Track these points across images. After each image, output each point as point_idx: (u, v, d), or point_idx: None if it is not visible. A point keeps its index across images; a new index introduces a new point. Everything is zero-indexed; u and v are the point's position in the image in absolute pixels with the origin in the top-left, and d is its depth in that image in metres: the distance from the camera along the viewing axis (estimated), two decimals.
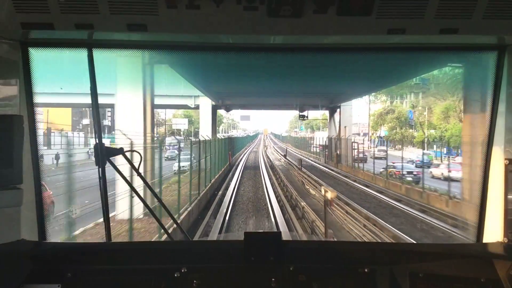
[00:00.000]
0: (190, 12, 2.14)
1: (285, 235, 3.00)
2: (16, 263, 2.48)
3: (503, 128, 2.70)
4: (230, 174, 35.81)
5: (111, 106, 26.93)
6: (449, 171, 23.11)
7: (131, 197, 9.50)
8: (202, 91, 33.17)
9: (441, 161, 30.10)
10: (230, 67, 20.47)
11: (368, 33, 2.37)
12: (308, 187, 25.26)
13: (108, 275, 2.61)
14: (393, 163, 30.43)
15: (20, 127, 2.51)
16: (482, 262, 2.62)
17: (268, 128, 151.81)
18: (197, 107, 38.63)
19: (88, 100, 2.67)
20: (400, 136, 41.62)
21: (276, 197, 23.49)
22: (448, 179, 21.60)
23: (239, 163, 46.52)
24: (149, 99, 18.56)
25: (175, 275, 2.51)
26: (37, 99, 2.62)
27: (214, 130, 41.71)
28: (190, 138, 38.25)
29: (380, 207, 21.86)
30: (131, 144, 11.11)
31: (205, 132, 33.22)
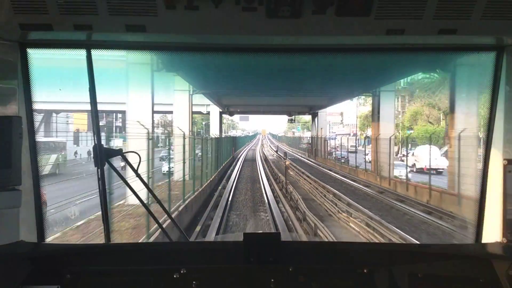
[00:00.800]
0: (188, 13, 2.13)
1: (284, 236, 2.96)
2: (15, 264, 2.44)
3: (501, 129, 2.64)
4: (234, 163, 46.91)
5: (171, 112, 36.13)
6: (371, 157, 34.49)
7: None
8: (209, 98, 36.57)
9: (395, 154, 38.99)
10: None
11: (367, 34, 2.33)
12: (290, 171, 34.32)
13: (107, 276, 2.55)
14: (336, 152, 48.10)
15: (19, 128, 2.46)
16: (481, 262, 2.55)
17: (266, 129, 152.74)
18: (208, 113, 49.56)
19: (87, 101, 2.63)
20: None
21: (265, 175, 34.65)
22: (366, 161, 34.47)
23: (240, 157, 57.37)
24: (190, 108, 29.69)
25: (174, 276, 2.49)
26: (36, 100, 2.56)
27: (221, 131, 53.16)
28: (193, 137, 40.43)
29: (330, 179, 31.47)
30: (183, 135, 17.04)
31: (213, 132, 44.64)
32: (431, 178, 21.08)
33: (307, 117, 67.35)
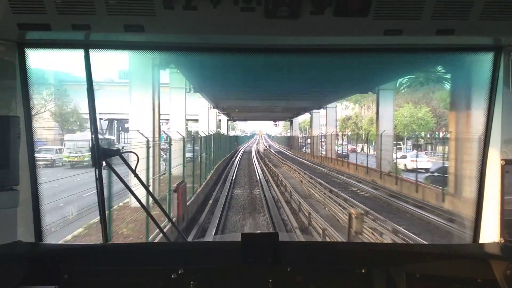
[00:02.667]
0: (187, 13, 2.06)
1: (282, 236, 2.93)
2: (13, 264, 2.27)
3: (499, 129, 2.48)
4: (236, 154, 60.50)
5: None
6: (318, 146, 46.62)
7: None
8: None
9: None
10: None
11: (365, 34, 2.24)
12: (270, 156, 51.63)
13: (105, 276, 2.36)
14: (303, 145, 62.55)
15: (16, 128, 2.31)
16: (479, 262, 2.35)
17: (263, 129, 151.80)
18: (219, 120, 61.58)
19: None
20: (355, 136, 50.02)
21: (256, 159, 46.76)
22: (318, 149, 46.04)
23: (240, 150, 73.35)
24: (216, 117, 42.72)
25: (172, 276, 2.34)
26: (34, 99, 2.45)
27: (227, 131, 66.81)
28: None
29: (289, 158, 46.83)
30: (213, 132, 27.26)
31: (222, 132, 56.03)
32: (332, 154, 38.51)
33: (300, 119, 78.65)
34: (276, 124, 78.23)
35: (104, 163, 2.63)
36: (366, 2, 2.04)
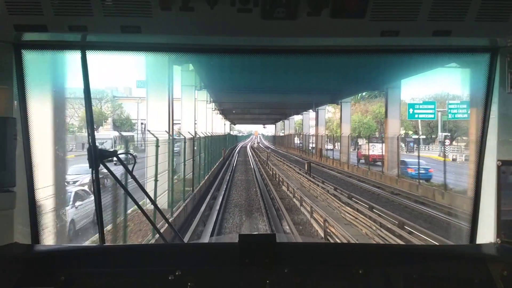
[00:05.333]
0: (184, 14, 2.02)
1: (280, 237, 2.92)
2: (9, 266, 2.18)
3: (495, 130, 2.46)
4: (236, 148, 67.26)
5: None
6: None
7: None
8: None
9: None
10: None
11: (361, 35, 2.19)
12: (259, 149, 58.91)
13: (102, 278, 2.28)
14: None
15: (13, 129, 2.23)
16: (476, 263, 2.28)
17: (258, 130, 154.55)
18: (224, 124, 64.81)
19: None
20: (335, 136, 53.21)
21: (250, 151, 54.77)
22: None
23: (238, 146, 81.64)
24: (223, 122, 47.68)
25: (169, 277, 2.27)
26: (31, 101, 2.44)
27: (229, 131, 69.14)
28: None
29: (272, 150, 55.43)
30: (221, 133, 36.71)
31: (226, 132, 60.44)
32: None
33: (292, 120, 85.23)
34: (265, 127, 77.88)
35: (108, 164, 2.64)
36: (363, 3, 2.01)
